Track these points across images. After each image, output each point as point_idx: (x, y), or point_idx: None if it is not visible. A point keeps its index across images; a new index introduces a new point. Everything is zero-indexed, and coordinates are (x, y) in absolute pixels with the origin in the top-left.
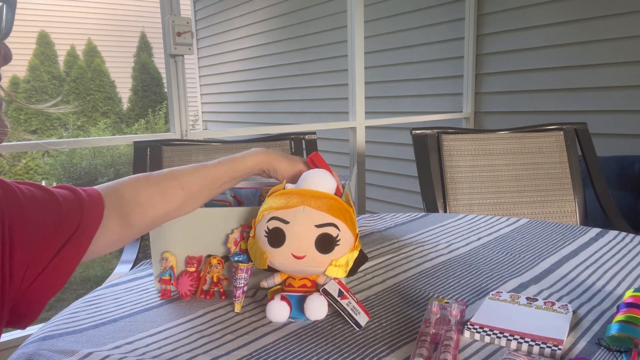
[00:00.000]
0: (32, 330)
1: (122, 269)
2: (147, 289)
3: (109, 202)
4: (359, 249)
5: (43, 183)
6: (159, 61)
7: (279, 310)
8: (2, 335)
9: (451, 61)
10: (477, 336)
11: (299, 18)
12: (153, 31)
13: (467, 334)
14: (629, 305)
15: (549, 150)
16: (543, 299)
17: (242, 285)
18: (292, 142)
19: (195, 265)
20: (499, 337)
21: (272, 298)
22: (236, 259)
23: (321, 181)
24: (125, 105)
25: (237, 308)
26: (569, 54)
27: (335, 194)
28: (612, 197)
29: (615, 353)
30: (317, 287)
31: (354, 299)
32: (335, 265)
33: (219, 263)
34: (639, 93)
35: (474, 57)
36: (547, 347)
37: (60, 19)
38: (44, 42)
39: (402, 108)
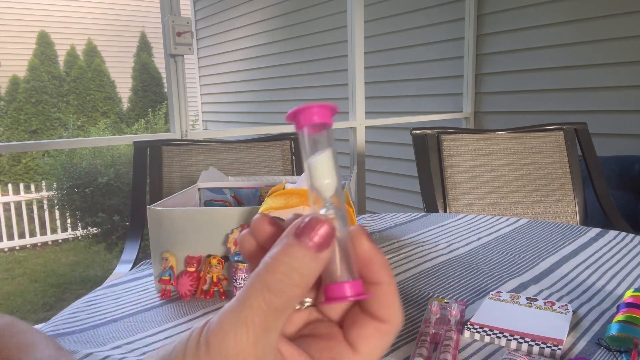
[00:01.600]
0: None
1: (122, 269)
2: (147, 289)
3: None
4: None
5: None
6: (159, 61)
7: None
8: None
9: (451, 61)
10: (477, 336)
11: (299, 18)
12: (153, 31)
13: (467, 334)
14: (629, 305)
15: (549, 150)
16: (543, 299)
17: (242, 285)
18: (292, 142)
19: (195, 265)
20: (499, 337)
21: None
22: (236, 259)
23: None
24: (125, 105)
25: None
26: (569, 54)
27: None
28: (612, 197)
29: (615, 353)
30: None
31: None
32: None
33: (218, 263)
34: (639, 93)
35: (474, 57)
36: (547, 347)
37: (60, 19)
38: (44, 42)
39: (402, 108)
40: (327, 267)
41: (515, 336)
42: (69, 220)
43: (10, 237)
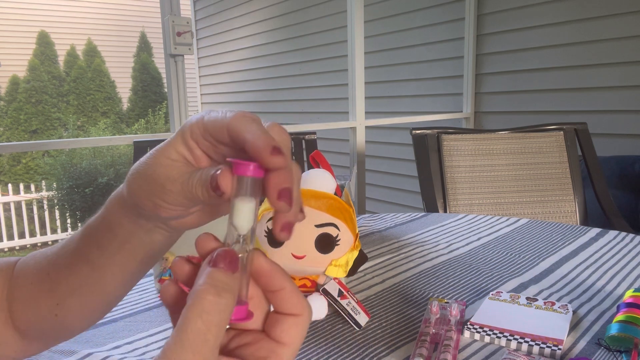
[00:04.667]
0: None
1: None
2: (147, 289)
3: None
4: (358, 248)
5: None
6: (159, 61)
7: None
8: None
9: (451, 61)
10: (477, 336)
11: (298, 18)
12: (153, 31)
13: (467, 334)
14: (629, 305)
15: (549, 150)
16: (543, 299)
17: None
18: (292, 142)
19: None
20: (499, 337)
21: None
22: None
23: (321, 181)
24: (125, 105)
25: None
26: (569, 54)
27: (335, 193)
28: (612, 197)
29: (615, 353)
30: (317, 287)
31: (354, 299)
32: (335, 265)
33: None
34: (639, 93)
35: (474, 57)
36: (547, 347)
37: (60, 19)
38: (44, 42)
39: (402, 108)
40: None
41: (515, 336)
42: (69, 220)
43: (10, 237)
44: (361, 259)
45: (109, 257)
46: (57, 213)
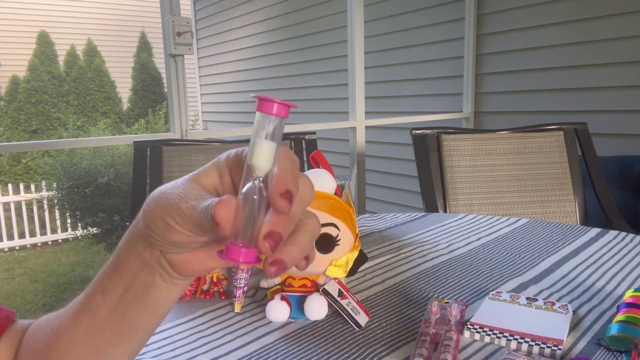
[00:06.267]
0: None
1: None
2: None
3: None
4: (359, 249)
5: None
6: (159, 61)
7: (279, 310)
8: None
9: (451, 61)
10: (477, 336)
11: (298, 18)
12: (153, 31)
13: (467, 334)
14: (629, 305)
15: (549, 150)
16: (543, 299)
17: (242, 285)
18: (292, 142)
19: None
20: (499, 337)
21: (272, 298)
22: None
23: (321, 181)
24: (125, 105)
25: (237, 308)
26: (569, 54)
27: (335, 193)
28: (612, 197)
29: (615, 353)
30: (317, 287)
31: (354, 299)
32: (335, 265)
33: None
34: (639, 93)
35: (474, 57)
36: (547, 347)
37: (60, 19)
38: (44, 42)
39: (402, 108)
40: (237, 226)
41: (515, 336)
42: (69, 220)
43: (10, 237)
44: (361, 259)
45: (111, 305)
46: (57, 213)
